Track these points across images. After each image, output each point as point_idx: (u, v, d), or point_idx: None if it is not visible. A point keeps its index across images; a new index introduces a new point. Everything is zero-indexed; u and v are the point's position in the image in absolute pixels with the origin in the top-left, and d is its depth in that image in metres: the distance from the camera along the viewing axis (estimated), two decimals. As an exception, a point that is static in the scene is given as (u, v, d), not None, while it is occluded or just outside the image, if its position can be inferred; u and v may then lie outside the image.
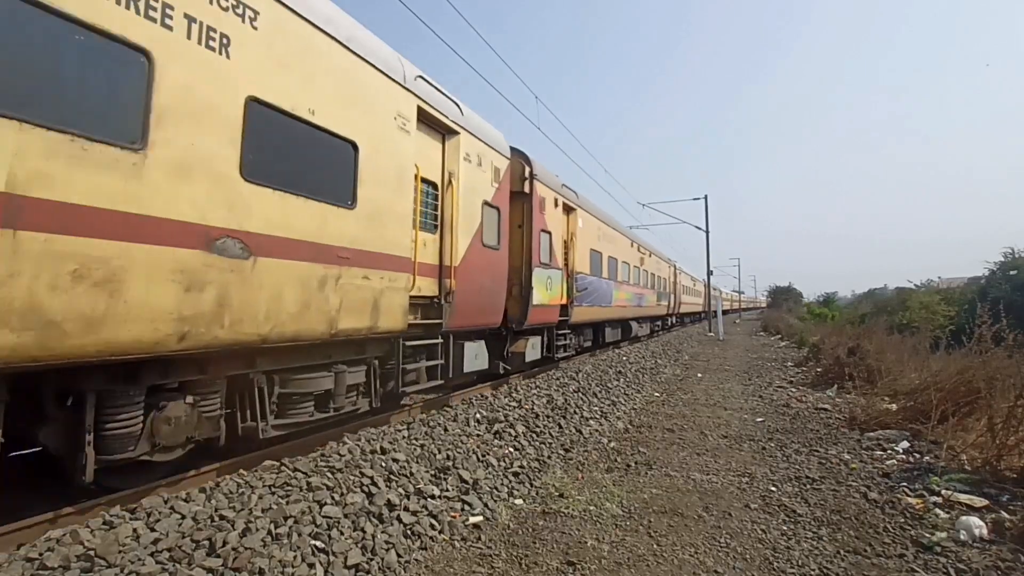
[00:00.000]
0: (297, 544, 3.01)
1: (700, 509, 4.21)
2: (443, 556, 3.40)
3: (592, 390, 8.66)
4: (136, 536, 2.87)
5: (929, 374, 7.42)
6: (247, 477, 3.79)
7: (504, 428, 5.78)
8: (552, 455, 5.49)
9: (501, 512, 4.07)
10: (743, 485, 4.78)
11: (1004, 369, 5.62)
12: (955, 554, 3.43)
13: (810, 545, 3.60)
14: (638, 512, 4.14)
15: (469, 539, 3.64)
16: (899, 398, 7.70)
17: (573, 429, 6.46)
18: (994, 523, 3.79)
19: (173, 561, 2.71)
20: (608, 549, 3.51)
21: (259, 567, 2.75)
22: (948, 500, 4.24)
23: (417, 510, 3.73)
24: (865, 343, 11.29)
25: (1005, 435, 4.82)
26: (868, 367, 9.88)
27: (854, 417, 7.12)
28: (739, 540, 3.67)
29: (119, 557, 2.67)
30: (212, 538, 2.90)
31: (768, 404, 8.67)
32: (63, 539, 2.77)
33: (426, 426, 5.57)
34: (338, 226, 4.75)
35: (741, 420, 7.46)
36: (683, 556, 3.44)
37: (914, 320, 20.72)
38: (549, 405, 7.10)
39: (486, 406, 6.74)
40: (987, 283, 28.92)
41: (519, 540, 3.65)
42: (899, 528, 3.85)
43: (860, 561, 3.39)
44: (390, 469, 4.19)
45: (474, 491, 4.24)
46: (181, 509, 3.20)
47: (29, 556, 2.60)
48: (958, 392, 6.07)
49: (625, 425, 7.14)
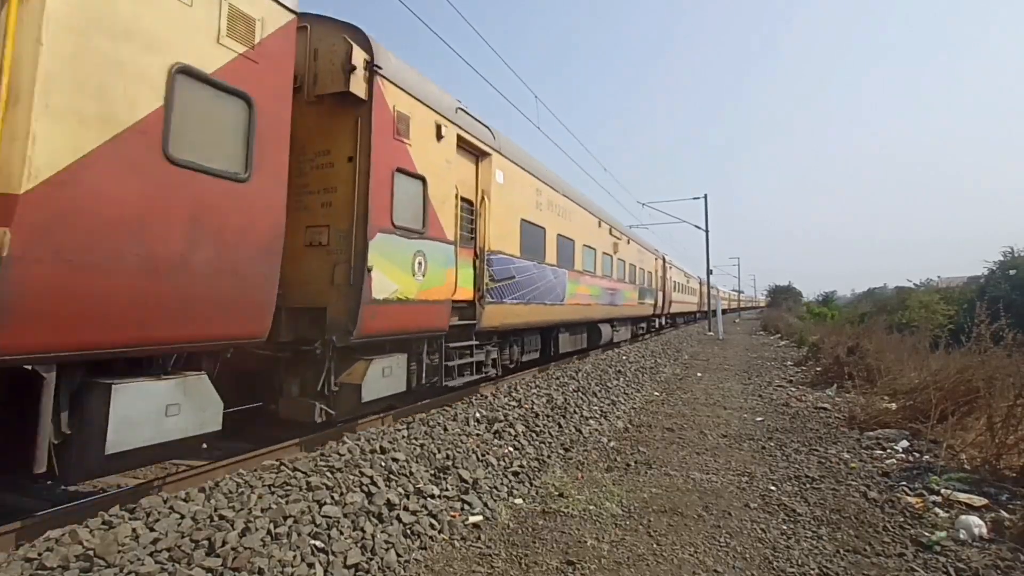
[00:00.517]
0: (297, 544, 3.01)
1: (700, 508, 4.21)
2: (443, 556, 3.40)
3: (592, 389, 8.66)
4: (135, 536, 2.86)
5: (928, 373, 7.42)
6: (246, 476, 3.78)
7: (504, 427, 5.78)
8: (552, 454, 5.48)
9: (501, 511, 4.07)
10: (743, 484, 4.78)
11: (1003, 368, 5.63)
12: (955, 553, 3.43)
13: (810, 544, 3.60)
14: (638, 511, 4.14)
15: (469, 539, 3.64)
16: (899, 397, 7.70)
17: (573, 428, 6.46)
18: (993, 522, 3.80)
19: (172, 561, 2.70)
20: (608, 548, 3.51)
21: (258, 567, 2.75)
22: (948, 499, 4.25)
23: (417, 509, 3.72)
24: (865, 342, 11.30)
25: (1004, 434, 4.82)
26: (868, 366, 9.89)
27: (854, 416, 7.12)
28: (739, 539, 3.67)
29: (118, 557, 2.66)
30: (211, 538, 2.89)
31: (768, 403, 8.67)
32: (62, 539, 2.76)
33: (425, 425, 5.56)
34: None
35: (741, 419, 7.46)
36: (683, 555, 3.44)
37: (913, 319, 20.72)
38: (549, 404, 7.09)
39: (486, 405, 6.74)
40: (986, 282, 28.91)
41: (519, 540, 3.65)
42: (899, 527, 3.85)
43: (860, 560, 3.39)
44: (390, 468, 4.18)
45: (474, 491, 4.24)
46: (180, 509, 3.19)
47: (28, 556, 2.60)
48: (957, 391, 6.07)
49: (625, 424, 7.14)
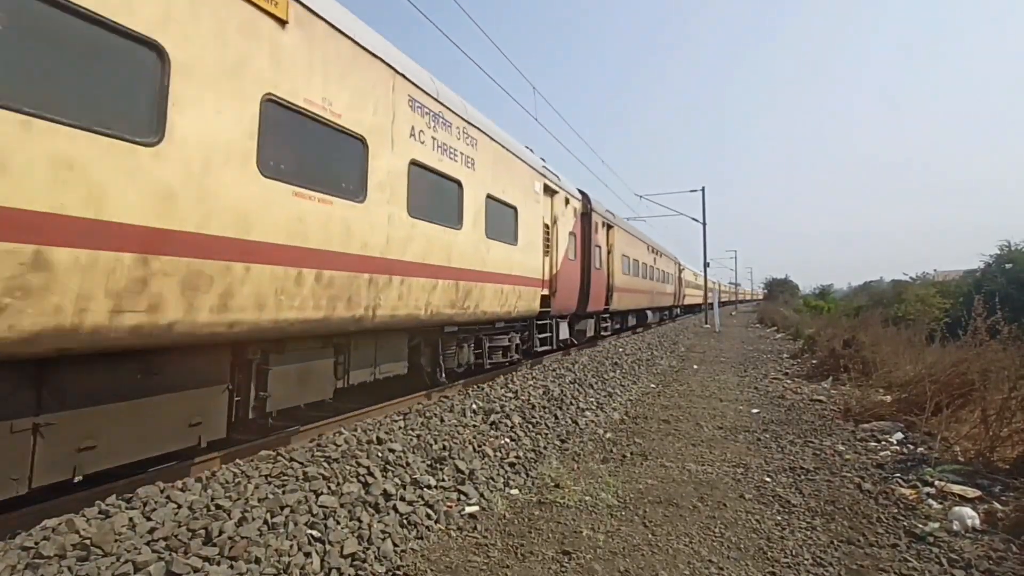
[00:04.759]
0: (293, 533, 3.02)
1: (695, 499, 4.23)
2: (439, 545, 3.41)
3: (588, 381, 8.68)
4: (132, 525, 2.86)
5: (924, 366, 7.45)
6: (243, 467, 3.79)
7: (500, 419, 5.79)
8: (548, 446, 5.50)
9: (497, 502, 4.08)
10: (738, 476, 4.80)
11: (998, 361, 5.65)
12: (948, 544, 3.46)
13: (804, 535, 3.62)
14: (633, 502, 4.16)
15: (465, 528, 3.66)
16: (894, 390, 7.73)
17: (569, 420, 6.48)
18: (987, 513, 3.83)
19: (169, 550, 2.70)
20: (603, 539, 3.53)
21: (255, 556, 2.75)
22: (941, 491, 4.28)
23: (413, 500, 3.74)
24: (860, 335, 11.33)
25: (998, 426, 4.86)
26: (863, 359, 9.92)
27: (849, 409, 7.16)
28: (734, 530, 3.69)
29: (115, 546, 2.66)
30: (208, 527, 2.90)
31: (763, 395, 8.71)
32: (59, 528, 2.76)
33: (422, 416, 5.57)
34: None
35: (736, 411, 7.50)
36: (678, 546, 3.46)
37: (909, 312, 20.80)
38: (545, 396, 7.11)
39: (482, 397, 6.75)
40: (982, 276, 29.01)
41: (515, 530, 3.67)
42: (892, 518, 3.88)
43: (854, 551, 3.42)
44: (386, 459, 4.19)
45: (470, 481, 4.26)
46: (177, 498, 3.19)
47: (25, 545, 2.59)
48: (952, 384, 6.11)
49: (621, 416, 7.17)
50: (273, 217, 3.97)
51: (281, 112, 4.11)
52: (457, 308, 6.58)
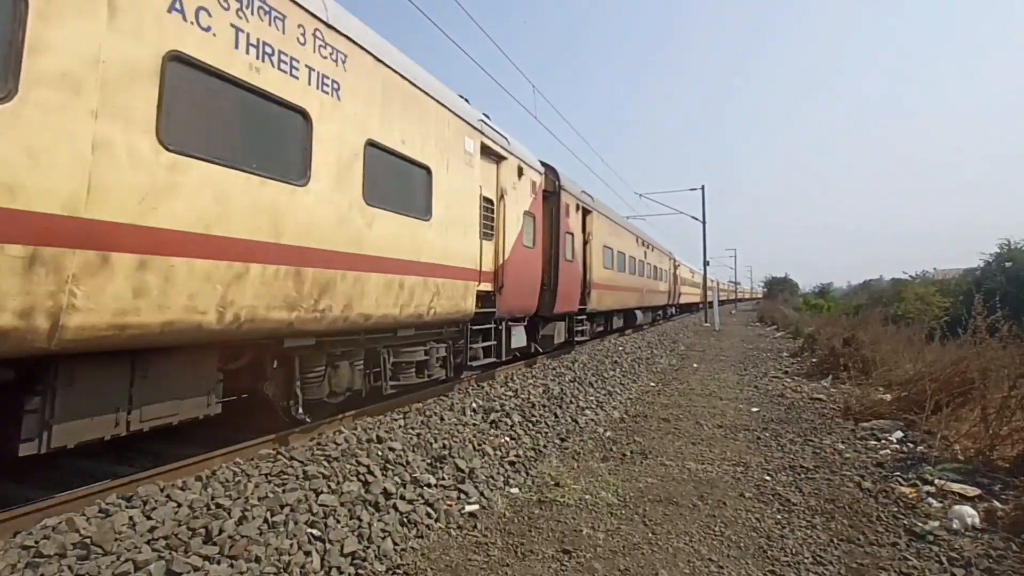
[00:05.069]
0: (293, 532, 3.02)
1: (695, 498, 4.23)
2: (439, 544, 3.41)
3: (588, 380, 8.68)
4: (132, 524, 2.86)
5: (924, 365, 7.46)
6: (243, 466, 3.79)
7: (500, 417, 5.80)
8: (548, 444, 5.50)
9: (497, 501, 4.08)
10: (738, 474, 4.80)
11: (998, 360, 5.65)
12: (947, 542, 3.46)
13: (804, 534, 3.62)
14: (633, 501, 4.16)
15: (465, 527, 3.66)
16: (894, 388, 7.74)
17: (569, 419, 6.48)
18: (986, 512, 3.83)
19: (169, 549, 2.71)
20: (604, 537, 3.53)
21: (256, 555, 2.75)
22: (941, 489, 4.28)
23: (413, 498, 3.74)
24: (860, 334, 11.34)
25: (998, 425, 4.86)
26: (863, 357, 9.92)
27: (849, 407, 7.16)
28: (734, 529, 3.70)
29: (115, 545, 2.66)
30: (208, 526, 2.90)
31: (763, 394, 8.71)
32: (59, 527, 2.76)
33: (422, 415, 5.58)
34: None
35: (736, 410, 7.50)
36: (678, 544, 3.46)
37: (909, 311, 20.81)
38: (545, 395, 7.11)
39: (482, 395, 6.75)
40: (982, 274, 29.04)
41: (515, 528, 3.67)
42: (892, 517, 3.88)
43: (853, 549, 3.42)
44: (386, 458, 4.19)
45: (470, 480, 4.26)
46: (177, 497, 3.19)
47: (25, 544, 2.60)
48: (952, 383, 6.11)
49: (621, 415, 7.17)
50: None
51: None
52: (303, 311, 4.32)
